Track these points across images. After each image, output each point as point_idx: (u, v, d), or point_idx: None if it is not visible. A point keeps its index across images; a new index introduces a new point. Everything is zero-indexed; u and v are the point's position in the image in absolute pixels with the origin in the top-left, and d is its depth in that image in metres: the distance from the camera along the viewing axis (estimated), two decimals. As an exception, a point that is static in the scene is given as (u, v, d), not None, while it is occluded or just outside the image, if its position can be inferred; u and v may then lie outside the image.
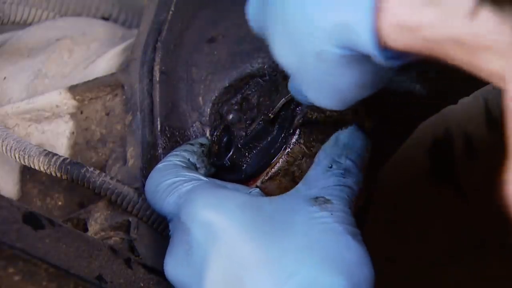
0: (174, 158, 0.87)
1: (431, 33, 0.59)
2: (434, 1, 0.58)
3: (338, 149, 0.85)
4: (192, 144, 0.91)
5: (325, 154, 0.85)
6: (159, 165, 0.86)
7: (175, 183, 0.82)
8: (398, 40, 0.61)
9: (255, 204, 0.78)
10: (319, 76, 0.70)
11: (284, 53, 0.72)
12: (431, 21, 0.58)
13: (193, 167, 0.88)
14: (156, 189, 0.83)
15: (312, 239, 0.75)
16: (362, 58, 0.67)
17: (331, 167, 0.84)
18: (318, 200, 0.80)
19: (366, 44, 0.63)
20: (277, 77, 0.89)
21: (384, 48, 0.63)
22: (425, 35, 0.60)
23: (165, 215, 0.83)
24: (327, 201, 0.80)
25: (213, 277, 0.74)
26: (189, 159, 0.88)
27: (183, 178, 0.83)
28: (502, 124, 0.56)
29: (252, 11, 0.76)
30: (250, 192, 0.85)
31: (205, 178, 0.84)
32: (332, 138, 0.86)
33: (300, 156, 0.87)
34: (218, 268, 0.74)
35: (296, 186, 0.84)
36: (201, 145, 0.92)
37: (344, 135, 0.86)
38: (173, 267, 0.79)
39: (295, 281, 0.72)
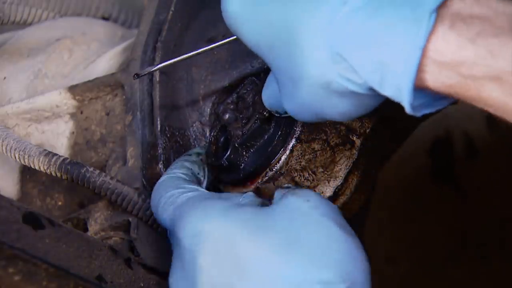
0: (178, 170, 0.87)
1: (471, 70, 0.60)
2: (478, 40, 0.59)
3: None
4: (190, 155, 0.91)
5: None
6: (163, 177, 0.86)
7: (172, 195, 0.82)
8: (437, 79, 0.62)
9: (238, 209, 0.77)
10: (309, 99, 0.71)
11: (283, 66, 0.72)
12: (473, 58, 0.59)
13: (195, 179, 0.87)
14: (158, 202, 0.83)
15: (294, 234, 0.74)
16: (365, 95, 0.67)
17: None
18: (289, 189, 0.80)
19: (399, 86, 0.63)
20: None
21: (419, 90, 0.63)
22: (465, 72, 0.60)
23: (165, 228, 0.83)
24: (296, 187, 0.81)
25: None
26: (191, 169, 0.88)
27: (181, 190, 0.82)
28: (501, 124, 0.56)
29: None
30: (241, 199, 0.84)
31: (202, 189, 0.84)
32: None
33: (300, 156, 0.87)
34: (208, 278, 0.74)
35: None
36: (198, 154, 0.92)
37: None
38: (174, 280, 0.78)
39: (284, 284, 0.71)
